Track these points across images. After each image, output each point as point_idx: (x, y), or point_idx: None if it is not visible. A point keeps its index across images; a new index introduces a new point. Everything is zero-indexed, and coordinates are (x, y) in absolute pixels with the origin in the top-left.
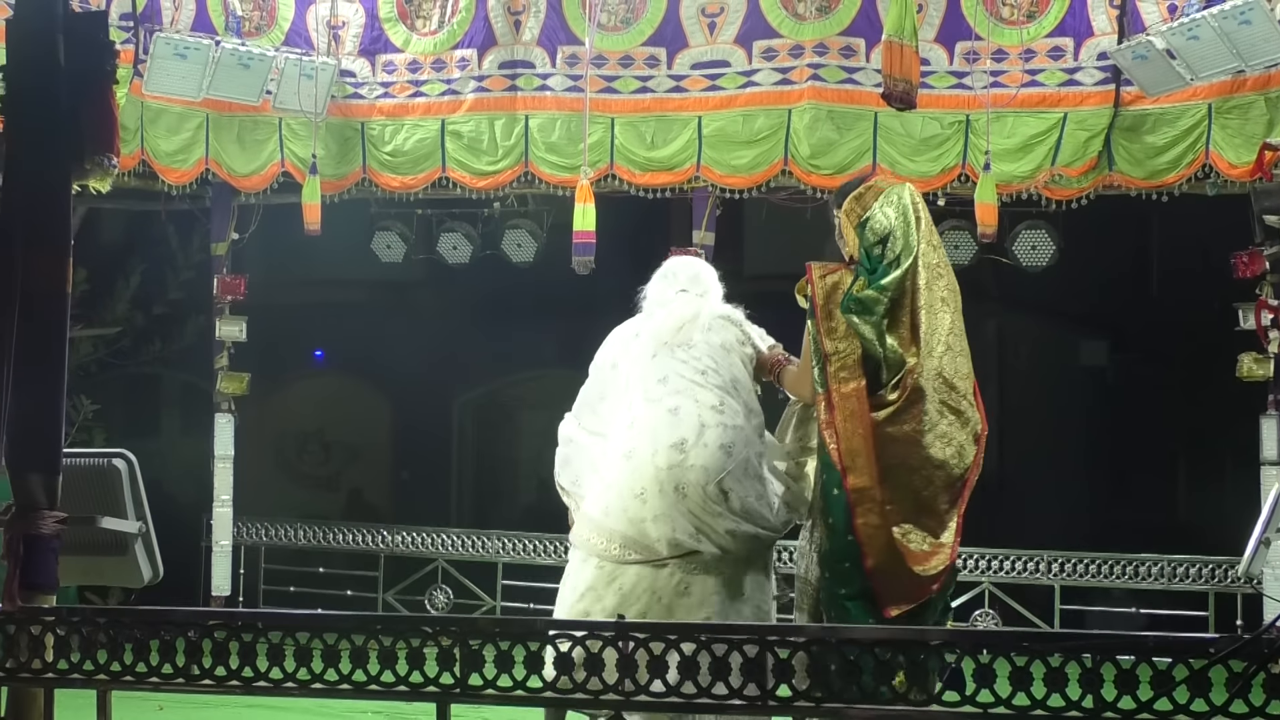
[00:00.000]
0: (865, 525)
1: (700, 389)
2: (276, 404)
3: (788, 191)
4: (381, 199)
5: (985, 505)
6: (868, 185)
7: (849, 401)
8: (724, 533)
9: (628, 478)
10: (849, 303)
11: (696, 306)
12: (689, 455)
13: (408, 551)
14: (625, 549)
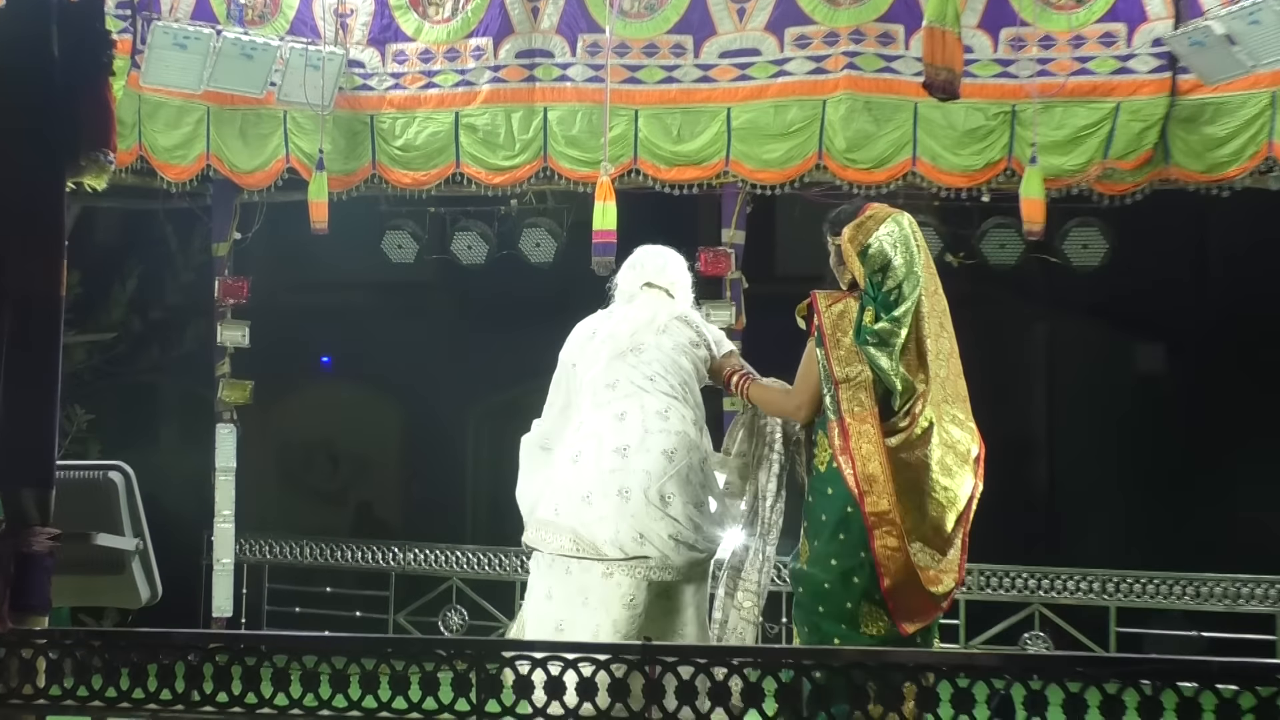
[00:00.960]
0: (884, 548)
1: (647, 395)
2: (281, 413)
3: (822, 187)
4: (392, 196)
5: (1035, 521)
6: (868, 214)
7: (864, 428)
8: (667, 538)
9: (575, 480)
10: (866, 335)
11: (654, 309)
12: (631, 459)
13: (420, 570)
14: (578, 545)
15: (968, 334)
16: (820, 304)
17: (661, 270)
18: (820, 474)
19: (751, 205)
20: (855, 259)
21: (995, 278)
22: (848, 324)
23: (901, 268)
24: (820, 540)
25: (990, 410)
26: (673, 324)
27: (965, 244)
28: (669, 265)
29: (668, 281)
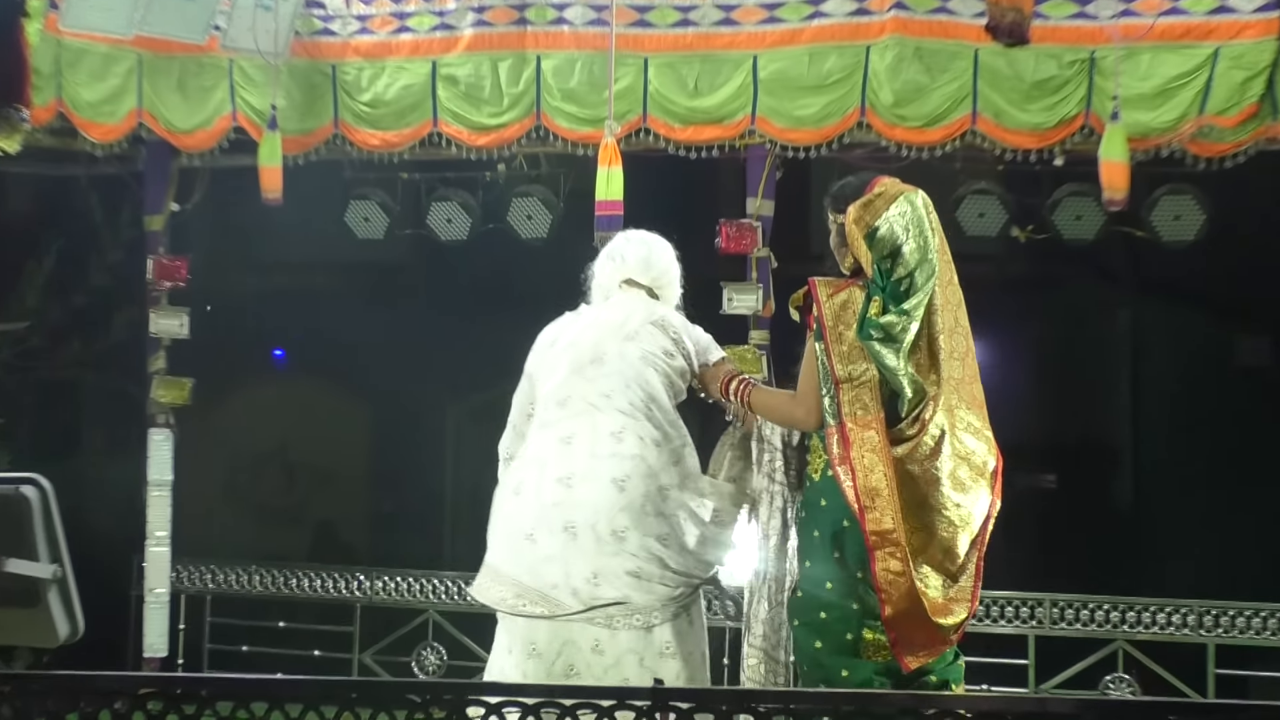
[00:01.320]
0: (886, 571)
1: (600, 413)
2: (226, 416)
3: (865, 149)
4: (358, 161)
5: (1117, 544)
6: (877, 191)
7: (868, 435)
8: (625, 575)
9: (516, 516)
10: (871, 329)
11: (626, 312)
12: (576, 490)
13: (391, 601)
14: (523, 599)
15: (1036, 323)
16: (820, 293)
17: (644, 264)
18: (814, 484)
19: (781, 170)
20: (861, 242)
21: (1070, 255)
22: (851, 316)
23: (914, 253)
24: (814, 560)
25: (1063, 412)
26: (645, 330)
27: (1034, 216)
28: (654, 258)
29: (651, 278)
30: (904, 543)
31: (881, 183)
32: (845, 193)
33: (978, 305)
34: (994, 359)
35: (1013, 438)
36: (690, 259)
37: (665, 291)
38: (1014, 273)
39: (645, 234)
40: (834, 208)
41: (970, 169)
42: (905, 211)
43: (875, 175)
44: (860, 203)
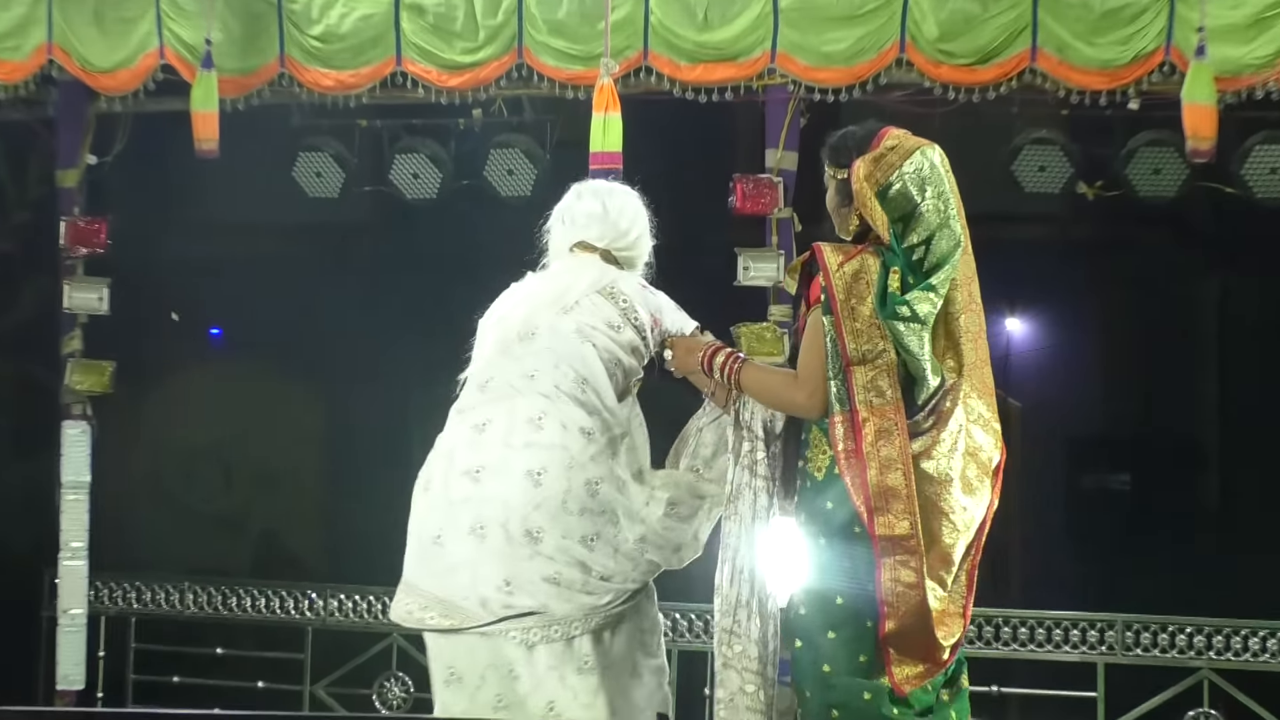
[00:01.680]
0: (894, 582)
1: (520, 397)
2: (154, 407)
3: (906, 91)
4: (308, 105)
5: (1202, 556)
6: (889, 144)
7: (884, 425)
8: (541, 581)
9: (425, 517)
10: (896, 306)
11: (570, 280)
12: (483, 484)
13: (347, 624)
14: (429, 610)
15: (1105, 295)
16: (828, 259)
17: (597, 224)
18: (816, 483)
19: (807, 117)
20: (874, 201)
21: (1147, 215)
22: (865, 288)
23: (932, 215)
24: (819, 572)
25: (1137, 400)
26: (588, 300)
27: (1104, 169)
28: (611, 216)
29: (607, 241)
30: (921, 550)
31: (892, 134)
32: (848, 144)
33: (1037, 275)
34: (1056, 338)
35: (1078, 431)
36: (699, 222)
37: (629, 254)
38: (1080, 236)
39: (602, 185)
40: (834, 161)
41: (1029, 115)
42: (922, 168)
43: (882, 125)
44: (871, 157)
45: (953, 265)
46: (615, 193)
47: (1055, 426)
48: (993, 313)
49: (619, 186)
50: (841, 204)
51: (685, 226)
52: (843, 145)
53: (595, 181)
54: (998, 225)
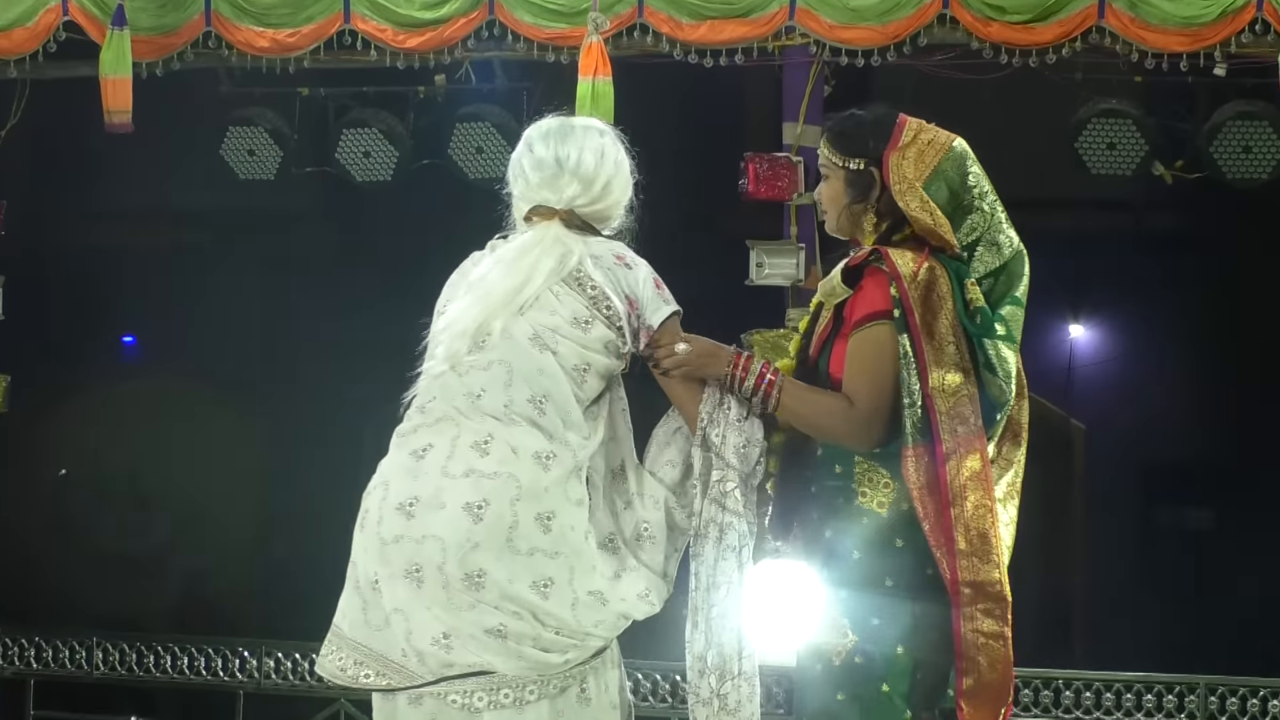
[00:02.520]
0: (975, 633)
1: (464, 419)
2: (56, 429)
3: (949, 54)
4: (240, 72)
5: None
6: (918, 133)
7: (969, 460)
8: (483, 634)
9: (358, 558)
10: (994, 322)
11: (531, 267)
12: (417, 520)
13: (286, 688)
14: (364, 667)
15: (1187, 295)
16: (900, 266)
17: (551, 179)
18: (879, 519)
19: (832, 85)
20: (929, 201)
21: (1234, 201)
22: (937, 301)
23: (978, 219)
24: (883, 618)
25: (1223, 419)
26: (549, 294)
27: (1184, 147)
28: (568, 166)
29: (568, 199)
30: (1008, 598)
31: (914, 122)
32: (863, 129)
33: (1104, 273)
34: (1127, 348)
35: (1153, 458)
36: (704, 209)
37: (597, 208)
38: (1157, 225)
39: (554, 126)
40: (846, 149)
41: (1096, 82)
42: (962, 163)
43: (894, 110)
44: (902, 146)
45: (1027, 278)
46: (571, 134)
47: (1126, 452)
48: (1053, 317)
49: (578, 123)
50: (854, 200)
51: (687, 215)
52: (856, 131)
53: (547, 122)
54: (1058, 213)
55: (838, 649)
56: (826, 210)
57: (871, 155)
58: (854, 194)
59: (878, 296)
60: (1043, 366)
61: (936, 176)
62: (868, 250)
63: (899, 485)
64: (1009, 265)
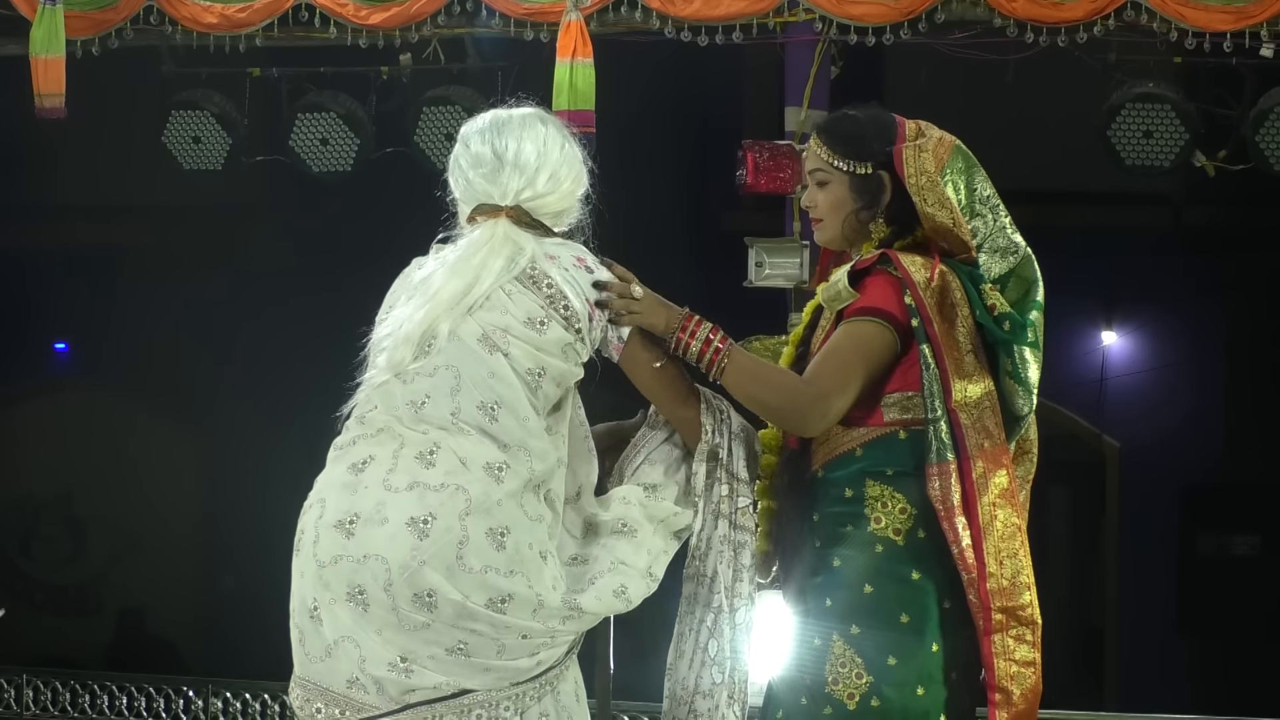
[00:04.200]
0: (1008, 662)
1: (408, 429)
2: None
3: (969, 32)
4: (184, 50)
5: None
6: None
7: (997, 476)
8: (445, 654)
9: (298, 582)
10: (1029, 329)
11: (479, 268)
12: (356, 539)
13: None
14: (315, 702)
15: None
16: (913, 272)
17: (490, 175)
18: (895, 549)
19: (839, 66)
20: (950, 200)
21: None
22: (952, 309)
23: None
24: (900, 656)
25: (1272, 436)
26: (501, 293)
27: (1228, 135)
28: (507, 160)
29: (511, 195)
30: (1039, 621)
31: (914, 123)
32: (865, 130)
33: (1140, 274)
34: (1165, 358)
35: (1193, 478)
36: (698, 203)
37: (545, 201)
38: (1197, 222)
39: (490, 120)
40: (851, 152)
41: (1131, 64)
42: (969, 164)
43: (888, 112)
44: (914, 144)
45: (1041, 282)
46: (508, 125)
47: (1163, 473)
48: (1084, 324)
49: (515, 114)
50: (862, 206)
51: (679, 210)
52: (860, 131)
53: (483, 116)
54: (1089, 208)
55: (849, 691)
56: (824, 218)
57: (878, 158)
58: (862, 201)
59: (880, 295)
60: (1072, 378)
61: (945, 176)
62: (876, 253)
63: (916, 511)
64: (1018, 270)
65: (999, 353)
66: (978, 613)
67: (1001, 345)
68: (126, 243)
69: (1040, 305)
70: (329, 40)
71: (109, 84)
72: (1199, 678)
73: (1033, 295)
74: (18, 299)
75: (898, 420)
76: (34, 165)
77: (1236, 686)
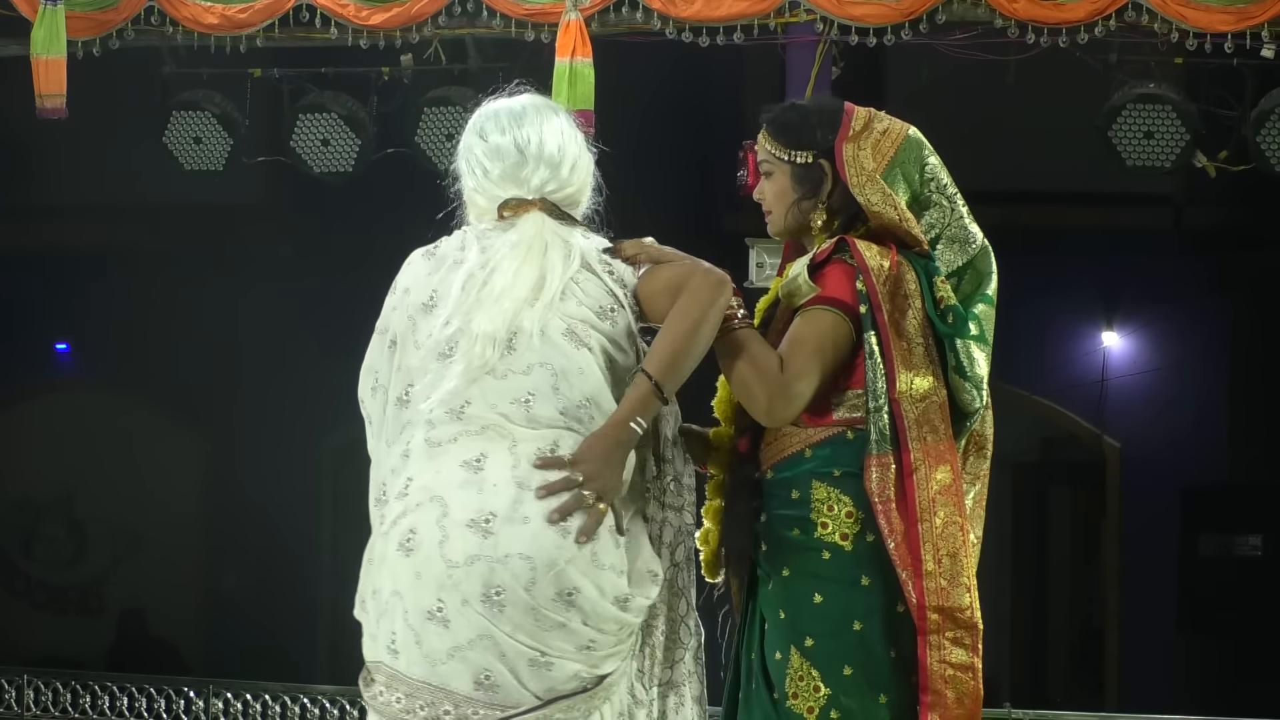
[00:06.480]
0: (941, 664)
1: (518, 427)
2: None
3: (970, 33)
4: (185, 51)
5: None
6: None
7: (939, 472)
8: (576, 651)
9: (413, 584)
10: (969, 322)
11: (543, 263)
12: (500, 539)
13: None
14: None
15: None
16: (868, 259)
17: (513, 170)
18: (843, 554)
19: (840, 67)
20: (892, 193)
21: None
22: (904, 300)
23: (940, 216)
24: (856, 667)
25: (1274, 436)
26: (573, 283)
27: (1229, 136)
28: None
29: (535, 186)
30: (979, 625)
31: (865, 111)
32: (809, 119)
33: (1142, 275)
34: (1167, 358)
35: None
36: (699, 203)
37: (568, 192)
38: (1199, 222)
39: (502, 111)
40: (791, 140)
41: (1132, 64)
42: (919, 153)
43: (839, 100)
44: (861, 136)
45: (996, 275)
46: (525, 116)
47: (1164, 474)
48: (1085, 325)
49: (525, 103)
50: (803, 196)
51: (680, 210)
52: (802, 121)
53: (493, 106)
54: (1090, 209)
55: (809, 705)
56: (771, 209)
57: (820, 147)
58: (803, 190)
59: (835, 284)
60: (1073, 379)
61: (893, 168)
62: (833, 242)
63: (863, 515)
64: (974, 263)
65: (945, 347)
66: (913, 612)
67: (945, 339)
68: (127, 243)
69: (990, 299)
70: (330, 41)
71: (110, 84)
72: (1199, 678)
73: (984, 289)
74: (18, 299)
75: (846, 420)
76: (35, 166)
77: (1236, 687)
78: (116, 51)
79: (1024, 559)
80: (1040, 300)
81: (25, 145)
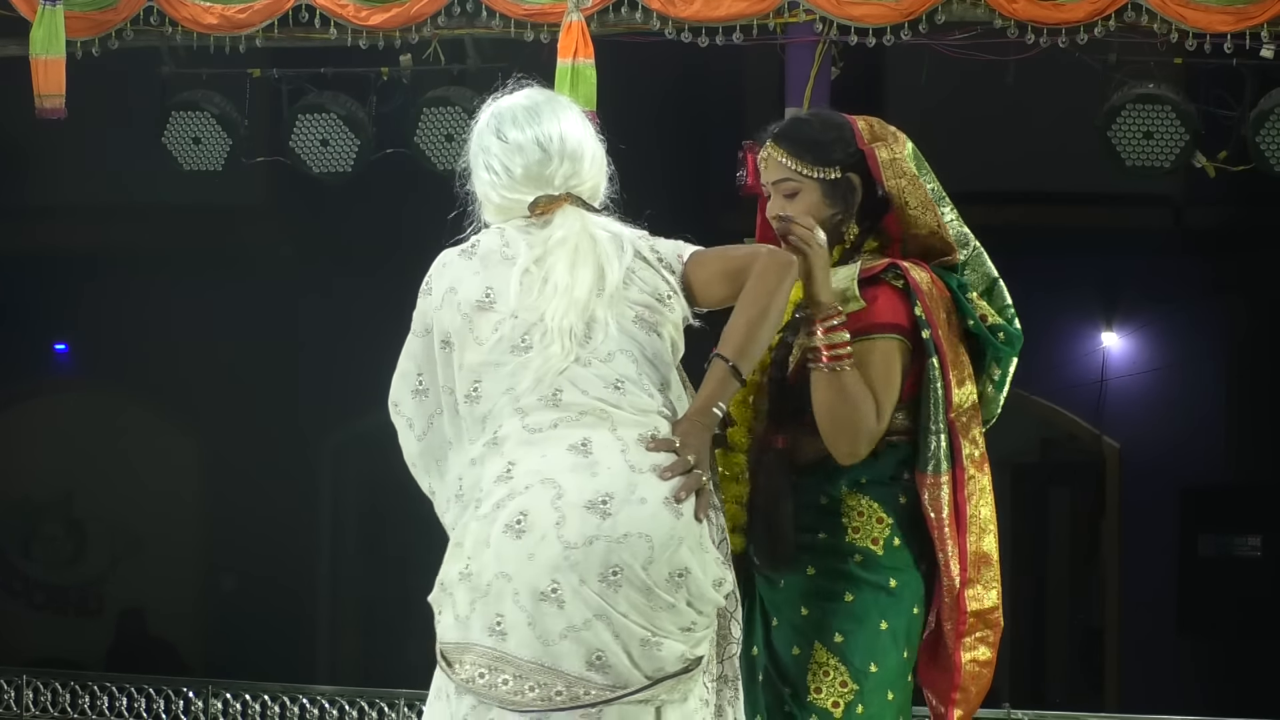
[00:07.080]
0: (973, 663)
1: (617, 410)
2: None
3: (970, 33)
4: (185, 51)
5: None
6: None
7: (981, 482)
8: (680, 631)
9: (524, 565)
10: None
11: (598, 255)
12: (619, 519)
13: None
14: (536, 688)
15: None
16: (919, 281)
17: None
18: (875, 559)
19: (840, 67)
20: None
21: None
22: (947, 316)
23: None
24: (882, 662)
25: (1274, 436)
26: (630, 272)
27: (1229, 136)
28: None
29: (559, 181)
30: (1003, 623)
31: (867, 121)
32: (825, 135)
33: (1141, 275)
34: (1166, 358)
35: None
36: (698, 205)
37: (590, 185)
38: (1198, 222)
39: (519, 109)
40: (817, 159)
41: (1131, 64)
42: (921, 162)
43: (837, 112)
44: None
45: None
46: (542, 114)
47: (1164, 474)
48: (1084, 325)
49: (538, 98)
50: (837, 211)
51: (679, 210)
52: (820, 137)
53: (507, 103)
54: (1090, 209)
55: (834, 699)
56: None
57: (844, 160)
58: (838, 206)
59: (892, 309)
60: (1072, 379)
61: (923, 173)
62: (885, 262)
63: (893, 520)
64: (971, 264)
65: (986, 361)
66: (950, 617)
67: (996, 355)
68: (126, 243)
69: (1009, 308)
70: (329, 41)
71: (109, 85)
72: (1198, 679)
73: (1003, 299)
74: (18, 299)
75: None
76: (35, 166)
77: (1236, 687)
78: (116, 52)
79: (1023, 559)
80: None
81: (25, 145)
